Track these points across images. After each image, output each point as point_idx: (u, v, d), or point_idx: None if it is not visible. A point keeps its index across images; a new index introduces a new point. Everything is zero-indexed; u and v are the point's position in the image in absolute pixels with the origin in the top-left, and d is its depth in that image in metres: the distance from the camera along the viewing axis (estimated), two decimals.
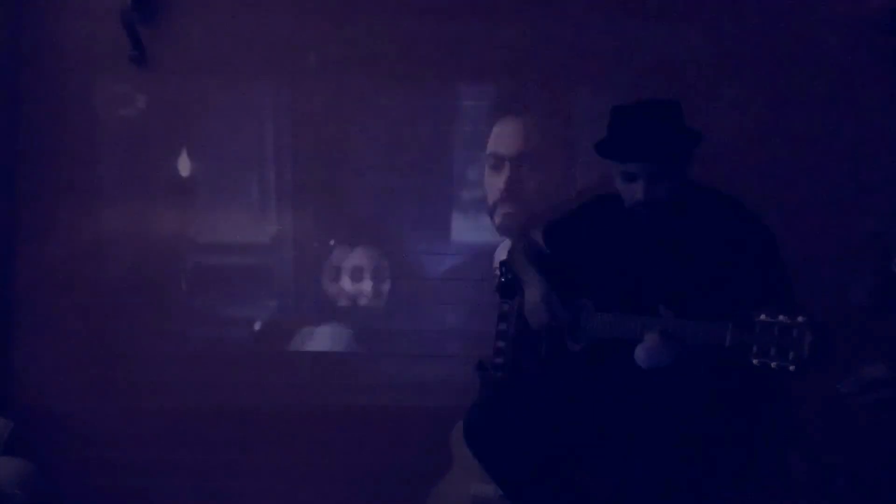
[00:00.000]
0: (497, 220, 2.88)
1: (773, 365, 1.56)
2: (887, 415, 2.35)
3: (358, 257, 2.91)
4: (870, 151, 2.75)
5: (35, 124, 2.81)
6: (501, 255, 2.76)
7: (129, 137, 2.86)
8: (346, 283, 2.92)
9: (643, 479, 1.88)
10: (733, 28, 2.76)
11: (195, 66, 2.81)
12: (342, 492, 2.90)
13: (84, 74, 2.81)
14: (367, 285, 2.92)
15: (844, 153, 2.76)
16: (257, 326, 2.96)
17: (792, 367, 1.54)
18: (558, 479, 2.06)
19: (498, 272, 2.64)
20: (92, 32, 2.77)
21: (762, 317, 1.58)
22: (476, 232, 2.93)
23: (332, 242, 2.93)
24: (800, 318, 1.54)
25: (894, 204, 2.60)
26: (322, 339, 2.95)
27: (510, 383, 2.44)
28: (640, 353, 1.85)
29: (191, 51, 2.80)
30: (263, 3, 2.82)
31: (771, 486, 2.14)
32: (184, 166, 2.87)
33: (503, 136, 2.87)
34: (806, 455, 2.54)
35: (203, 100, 2.84)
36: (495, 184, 2.86)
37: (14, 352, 2.87)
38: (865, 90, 2.72)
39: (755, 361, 1.58)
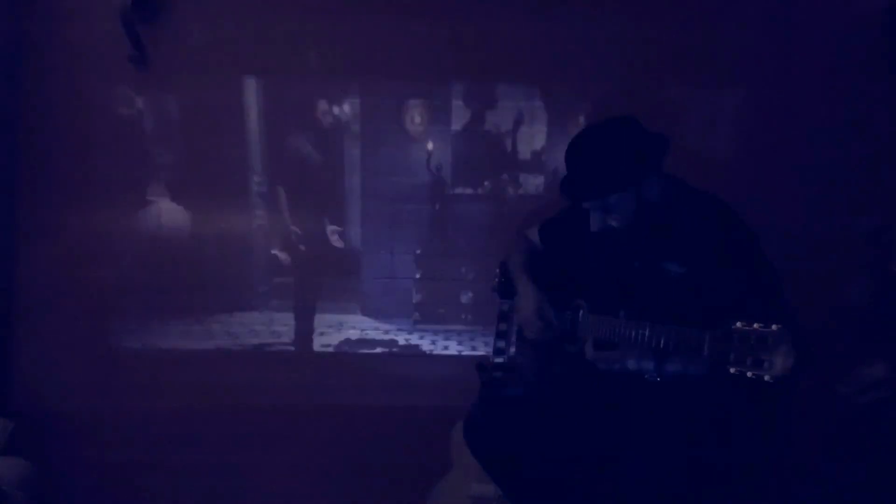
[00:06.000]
0: None
1: (749, 374, 1.51)
2: (887, 415, 2.35)
3: None
4: (869, 151, 2.75)
5: (35, 124, 2.81)
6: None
7: (129, 137, 2.85)
8: None
9: (641, 479, 1.88)
10: (732, 28, 2.76)
11: (195, 66, 2.81)
12: (342, 491, 2.90)
13: (84, 74, 2.81)
14: None
15: (843, 152, 2.76)
16: (258, 327, 2.96)
17: (767, 377, 1.49)
18: (557, 480, 2.06)
19: (497, 272, 2.64)
20: (92, 32, 2.77)
21: (738, 325, 1.54)
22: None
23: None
24: (774, 327, 1.49)
25: (894, 203, 2.60)
26: None
27: (510, 383, 2.43)
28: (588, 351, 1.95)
29: (191, 51, 2.80)
30: (263, 3, 2.82)
31: (768, 487, 2.14)
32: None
33: None
34: (805, 455, 2.54)
35: (203, 100, 2.83)
36: None
37: (14, 352, 2.87)
38: (864, 89, 2.72)
39: (732, 370, 1.54)
